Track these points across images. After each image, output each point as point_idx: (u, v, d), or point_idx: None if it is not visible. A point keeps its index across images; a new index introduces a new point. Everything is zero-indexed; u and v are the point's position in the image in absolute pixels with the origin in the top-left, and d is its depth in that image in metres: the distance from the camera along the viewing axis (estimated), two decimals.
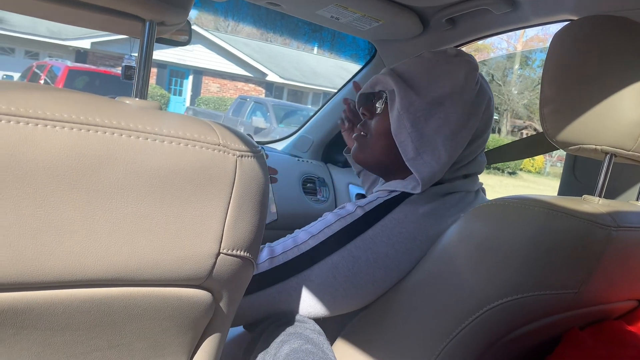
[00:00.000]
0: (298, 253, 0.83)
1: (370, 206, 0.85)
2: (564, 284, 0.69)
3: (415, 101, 0.88)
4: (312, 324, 0.81)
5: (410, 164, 0.87)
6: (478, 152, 0.94)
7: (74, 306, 0.42)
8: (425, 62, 0.92)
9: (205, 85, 17.23)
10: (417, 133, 0.87)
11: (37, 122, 0.36)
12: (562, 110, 0.72)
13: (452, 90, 0.88)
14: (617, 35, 0.69)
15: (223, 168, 0.46)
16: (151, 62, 0.48)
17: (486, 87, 0.93)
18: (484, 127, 0.93)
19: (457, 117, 0.87)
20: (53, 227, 0.38)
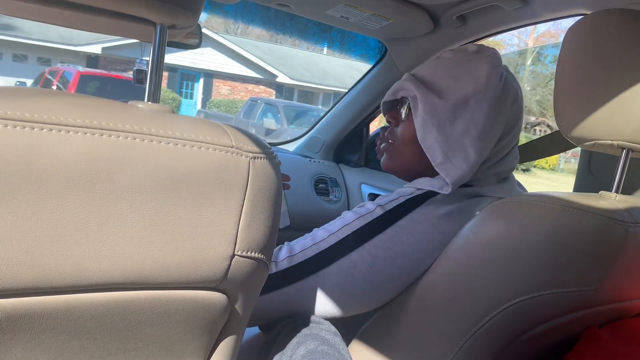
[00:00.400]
0: (317, 251, 0.83)
1: (391, 205, 0.85)
2: (581, 282, 0.68)
3: (438, 105, 0.86)
4: (328, 325, 0.81)
5: (439, 168, 0.85)
6: (509, 149, 0.91)
7: (91, 310, 0.42)
8: (446, 63, 0.91)
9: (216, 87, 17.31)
10: (443, 137, 0.85)
11: (52, 128, 0.37)
12: (577, 106, 0.71)
13: (476, 89, 0.86)
14: (633, 29, 0.68)
15: (236, 170, 0.46)
16: (163, 66, 0.48)
17: (512, 81, 0.90)
18: (513, 122, 0.90)
19: (483, 116, 0.85)
20: (69, 231, 0.39)
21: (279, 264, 0.83)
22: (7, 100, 0.36)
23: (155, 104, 0.47)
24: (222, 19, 19.44)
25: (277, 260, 0.84)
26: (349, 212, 0.87)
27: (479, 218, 0.77)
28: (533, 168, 14.88)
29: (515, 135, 0.91)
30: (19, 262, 0.37)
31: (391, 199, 0.86)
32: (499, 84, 0.87)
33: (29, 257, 0.37)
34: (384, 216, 0.83)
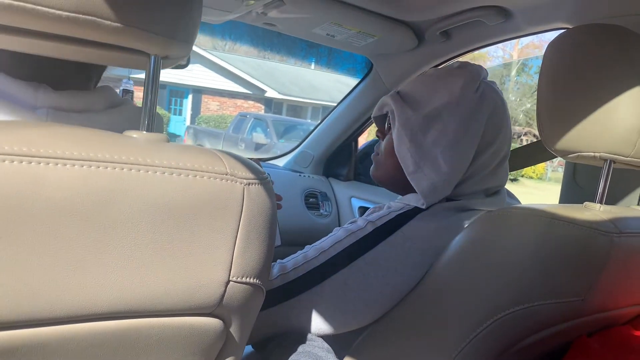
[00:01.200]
0: (308, 269, 0.84)
1: (381, 221, 0.86)
2: (569, 292, 0.69)
3: (411, 116, 0.89)
4: (321, 342, 0.81)
5: (410, 178, 0.87)
6: (494, 164, 0.92)
7: (87, 340, 0.43)
8: (427, 79, 0.94)
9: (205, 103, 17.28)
10: (415, 147, 0.87)
11: (48, 161, 0.37)
12: (560, 119, 0.73)
13: (449, 100, 0.88)
14: (612, 43, 0.70)
15: (231, 197, 0.46)
16: (157, 95, 0.49)
17: (491, 94, 0.90)
18: (493, 134, 0.90)
19: (455, 127, 0.86)
20: (66, 263, 0.39)
21: (272, 282, 0.84)
22: (3, 135, 0.37)
23: (149, 133, 0.48)
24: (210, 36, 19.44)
25: (269, 278, 0.84)
26: (340, 228, 0.88)
27: (467, 231, 0.78)
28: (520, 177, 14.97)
29: (499, 148, 0.91)
30: (16, 294, 0.37)
31: (381, 215, 0.87)
32: (473, 95, 0.88)
33: (25, 289, 0.38)
34: (375, 232, 0.84)
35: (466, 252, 0.77)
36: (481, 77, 0.91)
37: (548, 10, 1.17)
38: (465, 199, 0.90)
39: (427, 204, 0.86)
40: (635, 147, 0.69)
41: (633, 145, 0.69)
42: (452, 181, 0.86)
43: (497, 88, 0.94)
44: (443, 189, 0.86)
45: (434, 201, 0.86)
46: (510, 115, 0.98)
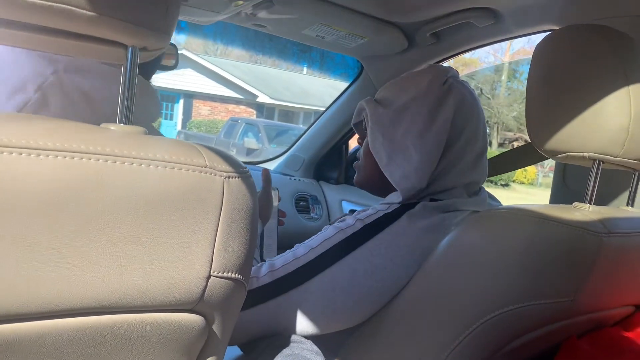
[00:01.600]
0: (298, 265, 0.83)
1: (370, 219, 0.86)
2: (558, 293, 0.69)
3: (382, 114, 0.92)
4: (310, 344, 0.80)
5: (384, 170, 0.90)
6: (470, 157, 0.92)
7: (64, 336, 0.41)
8: (397, 80, 0.98)
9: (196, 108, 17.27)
10: (388, 140, 0.90)
11: (21, 152, 0.36)
12: (548, 119, 0.73)
13: (416, 94, 0.91)
14: (599, 43, 0.70)
15: (210, 190, 0.45)
16: (135, 88, 0.48)
17: (458, 86, 0.92)
18: (461, 124, 0.90)
19: (423, 117, 0.88)
20: (40, 256, 0.38)
21: (260, 279, 0.84)
22: None
23: (127, 125, 0.47)
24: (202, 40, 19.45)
25: (258, 275, 0.84)
26: (329, 226, 0.89)
27: (456, 232, 0.78)
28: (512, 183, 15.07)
29: (471, 138, 0.91)
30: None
31: (370, 213, 0.87)
32: (440, 88, 0.90)
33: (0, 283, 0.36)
34: (364, 230, 0.84)
35: (455, 253, 0.76)
36: (449, 74, 0.94)
37: (537, 12, 1.17)
38: (448, 198, 0.90)
39: (404, 196, 0.87)
40: (624, 147, 0.69)
41: (621, 145, 0.69)
42: (425, 169, 0.87)
43: (467, 85, 0.96)
44: (416, 179, 0.86)
45: (409, 192, 0.87)
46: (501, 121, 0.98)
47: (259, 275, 0.84)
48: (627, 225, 0.72)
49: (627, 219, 0.74)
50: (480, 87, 19.25)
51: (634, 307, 0.86)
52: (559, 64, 0.73)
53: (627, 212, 0.79)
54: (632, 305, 0.85)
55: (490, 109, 19.06)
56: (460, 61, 4.26)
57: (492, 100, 19.73)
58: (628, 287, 0.79)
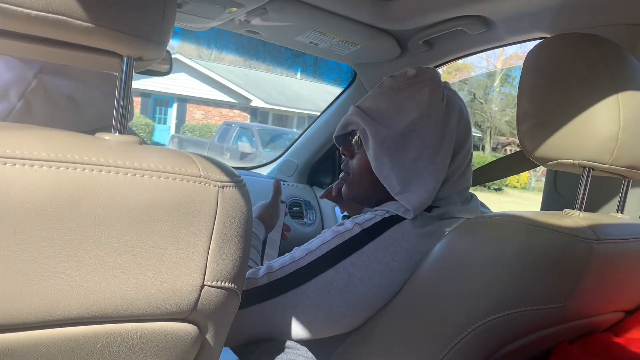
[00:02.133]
0: (295, 268, 0.84)
1: (369, 224, 0.86)
2: (549, 299, 0.69)
3: (387, 135, 0.89)
4: (305, 351, 0.80)
5: (399, 198, 0.87)
6: (465, 165, 0.94)
7: (58, 346, 0.41)
8: (387, 92, 0.94)
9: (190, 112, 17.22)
10: (398, 166, 0.88)
11: (15, 162, 0.36)
12: (539, 127, 0.73)
13: (420, 114, 0.89)
14: (589, 51, 0.71)
15: (205, 199, 0.46)
16: (130, 97, 0.48)
17: (454, 98, 0.93)
18: (463, 137, 0.92)
19: (432, 139, 0.88)
20: (33, 266, 0.38)
21: (258, 280, 0.84)
22: None
23: (122, 135, 0.47)
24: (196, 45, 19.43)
25: (256, 277, 0.84)
26: (327, 230, 0.89)
27: (448, 238, 0.78)
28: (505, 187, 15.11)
29: (467, 150, 0.94)
30: None
31: (368, 218, 0.87)
32: (441, 104, 0.90)
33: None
34: (362, 234, 0.84)
35: (447, 259, 0.76)
36: (441, 83, 0.93)
37: (528, 20, 1.18)
38: (443, 205, 0.90)
39: (415, 214, 0.86)
40: (614, 155, 0.69)
41: (611, 152, 0.69)
42: (436, 190, 0.88)
43: (454, 90, 0.96)
44: (429, 201, 0.87)
45: (419, 212, 0.86)
46: (494, 126, 0.99)
47: (256, 277, 0.84)
48: (616, 231, 0.73)
49: (617, 226, 0.75)
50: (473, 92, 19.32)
51: (624, 312, 0.87)
52: (550, 71, 0.73)
53: (616, 218, 0.80)
54: (622, 311, 0.86)
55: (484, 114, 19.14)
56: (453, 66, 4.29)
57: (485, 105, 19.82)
58: (618, 293, 0.80)
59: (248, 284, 0.83)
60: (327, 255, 0.84)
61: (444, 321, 0.72)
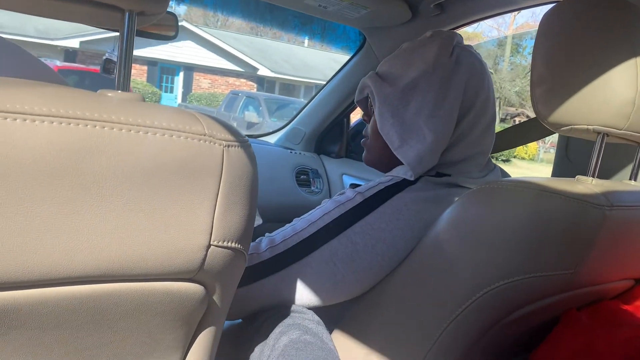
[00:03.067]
0: (298, 240, 0.83)
1: (370, 192, 0.85)
2: (559, 265, 0.69)
3: (389, 92, 0.89)
4: (311, 314, 0.81)
5: (397, 152, 0.87)
6: (479, 128, 0.90)
7: (63, 304, 0.41)
8: (402, 54, 0.94)
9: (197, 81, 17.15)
10: (398, 122, 0.87)
11: (16, 117, 0.35)
12: (554, 91, 0.72)
13: (424, 70, 0.88)
14: (606, 13, 0.69)
15: (210, 158, 0.45)
16: (132, 54, 0.47)
17: (467, 57, 0.90)
18: (472, 97, 0.89)
19: (434, 94, 0.86)
20: (37, 224, 0.38)
21: (261, 254, 0.83)
22: None
23: (125, 92, 0.46)
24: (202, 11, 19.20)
25: (258, 251, 0.84)
26: (328, 200, 0.88)
27: (457, 204, 0.77)
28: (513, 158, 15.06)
29: (481, 111, 0.90)
30: None
31: (370, 186, 0.86)
32: (448, 61, 0.88)
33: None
34: (364, 203, 0.84)
35: (456, 225, 0.76)
36: (454, 42, 0.91)
37: None
38: (455, 174, 0.89)
39: (415, 175, 0.85)
40: (629, 120, 0.68)
41: (627, 118, 0.68)
42: (438, 149, 0.86)
43: (474, 51, 0.93)
44: (430, 158, 0.85)
45: (421, 171, 0.85)
46: (504, 97, 0.96)
47: (258, 251, 0.84)
48: (630, 198, 0.72)
49: (630, 193, 0.74)
50: None
51: (634, 280, 0.86)
52: (565, 35, 0.71)
53: (630, 185, 0.79)
54: (632, 279, 0.85)
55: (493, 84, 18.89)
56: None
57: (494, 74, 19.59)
58: (629, 260, 0.79)
59: (251, 260, 0.83)
60: (329, 225, 0.83)
61: (452, 287, 0.72)
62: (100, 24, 0.50)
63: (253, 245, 0.86)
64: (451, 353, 0.72)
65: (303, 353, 0.71)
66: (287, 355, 0.71)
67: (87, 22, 0.50)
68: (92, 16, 0.47)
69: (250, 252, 0.83)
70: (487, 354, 0.78)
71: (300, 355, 0.71)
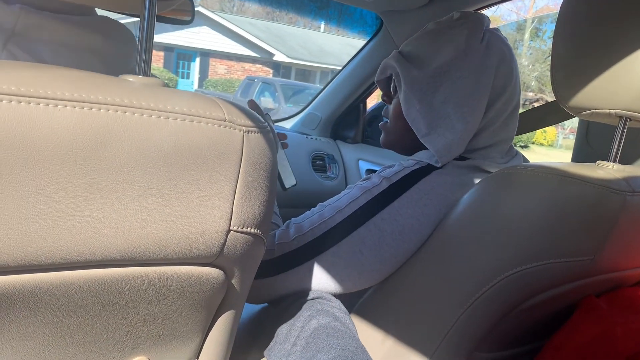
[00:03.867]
0: (325, 229, 0.82)
1: (396, 177, 0.84)
2: (579, 251, 0.68)
3: (418, 76, 0.87)
4: (339, 304, 0.81)
5: (424, 140, 0.85)
6: (505, 115, 0.89)
7: (85, 287, 0.42)
8: (428, 35, 0.91)
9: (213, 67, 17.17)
10: (426, 108, 0.85)
11: (39, 102, 0.36)
12: (575, 74, 0.70)
13: (455, 55, 0.85)
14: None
15: (230, 144, 0.45)
16: (153, 39, 0.47)
17: (497, 43, 0.87)
18: (503, 84, 0.87)
19: (464, 81, 0.84)
20: (59, 208, 0.38)
21: (290, 243, 0.83)
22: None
23: (145, 77, 0.46)
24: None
25: (287, 240, 0.83)
26: (354, 186, 0.87)
27: (478, 187, 0.77)
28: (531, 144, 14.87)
29: (510, 97, 0.89)
30: (10, 239, 0.36)
31: (396, 170, 0.85)
32: (479, 46, 0.85)
33: (19, 233, 0.37)
34: (390, 189, 0.83)
35: (476, 209, 0.75)
36: (484, 25, 0.88)
37: None
38: (479, 158, 0.87)
39: (442, 163, 0.83)
40: None
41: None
42: (467, 137, 0.84)
43: (501, 35, 0.90)
44: (458, 147, 0.84)
45: (449, 159, 0.84)
46: (523, 81, 0.94)
47: (287, 240, 0.83)
48: None
49: None
50: None
51: None
52: (588, 16, 0.70)
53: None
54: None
55: None
56: None
57: None
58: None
59: (280, 249, 0.82)
60: (357, 212, 0.82)
61: (471, 271, 0.72)
62: (121, 8, 0.50)
63: (280, 232, 0.85)
64: (468, 338, 0.72)
65: (334, 339, 0.71)
66: (317, 337, 0.71)
67: (108, 7, 0.50)
68: (112, 1, 0.48)
69: (278, 240, 0.83)
70: (503, 339, 0.77)
71: (331, 340, 0.71)
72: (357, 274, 0.81)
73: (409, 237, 0.81)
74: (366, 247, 0.80)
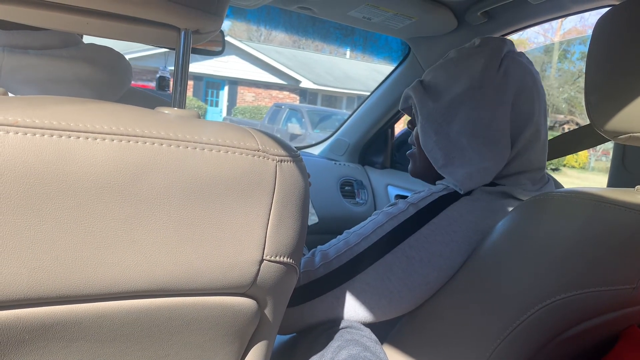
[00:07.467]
0: (351, 256, 0.81)
1: (424, 203, 0.83)
2: (619, 280, 0.66)
3: (433, 108, 0.87)
4: (369, 332, 0.79)
5: (442, 171, 0.85)
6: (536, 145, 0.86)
7: (121, 318, 0.42)
8: (447, 64, 0.91)
9: (241, 95, 17.44)
10: (442, 139, 0.85)
11: (79, 135, 0.37)
12: (610, 98, 0.69)
13: (470, 85, 0.84)
14: None
15: (263, 173, 0.45)
16: (188, 72, 0.48)
17: (516, 70, 0.85)
18: (527, 111, 0.85)
19: (480, 112, 0.83)
20: (97, 239, 0.39)
21: (316, 271, 0.82)
22: (34, 109, 0.37)
23: (181, 109, 0.47)
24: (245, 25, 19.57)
25: (312, 268, 0.82)
26: (380, 212, 0.86)
27: (512, 214, 0.75)
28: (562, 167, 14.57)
29: (537, 124, 0.86)
30: (49, 271, 0.37)
31: (423, 196, 0.84)
32: (495, 75, 0.84)
33: (58, 265, 0.37)
34: (417, 215, 0.81)
35: (511, 237, 0.74)
36: (503, 52, 0.87)
37: None
38: (511, 184, 0.85)
39: (465, 190, 0.82)
40: None
41: None
42: (491, 169, 0.82)
43: (524, 60, 0.88)
44: (481, 177, 0.82)
45: (472, 187, 0.82)
46: (551, 104, 0.93)
47: (312, 268, 0.82)
48: None
49: None
50: None
51: None
52: (621, 40, 0.69)
53: None
54: None
55: None
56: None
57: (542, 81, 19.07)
58: None
59: (305, 277, 0.82)
60: (383, 239, 0.81)
61: (506, 301, 0.70)
62: (157, 42, 0.51)
63: (306, 260, 0.84)
64: None
65: None
66: None
67: (144, 41, 0.51)
68: (149, 35, 0.49)
69: (304, 268, 0.83)
70: None
71: None
72: (387, 301, 0.80)
73: (438, 265, 0.79)
74: (394, 275, 0.79)
